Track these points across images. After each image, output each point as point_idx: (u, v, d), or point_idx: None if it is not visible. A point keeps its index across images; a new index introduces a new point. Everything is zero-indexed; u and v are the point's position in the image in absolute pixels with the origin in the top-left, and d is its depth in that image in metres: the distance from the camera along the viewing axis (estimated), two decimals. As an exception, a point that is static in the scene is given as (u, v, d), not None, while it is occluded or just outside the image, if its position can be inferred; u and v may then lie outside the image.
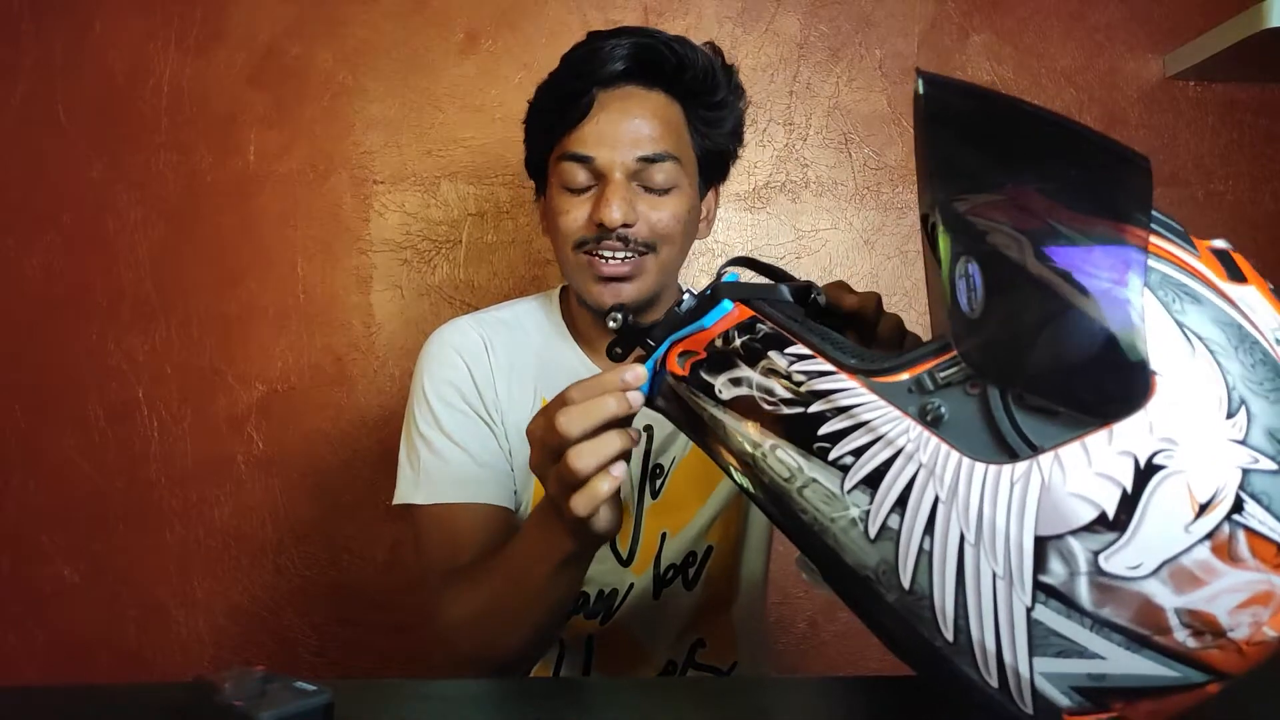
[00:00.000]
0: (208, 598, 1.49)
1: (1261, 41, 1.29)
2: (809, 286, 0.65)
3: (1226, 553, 0.42)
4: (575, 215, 0.93)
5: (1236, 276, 0.46)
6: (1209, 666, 0.45)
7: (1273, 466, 0.43)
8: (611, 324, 0.65)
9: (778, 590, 1.42)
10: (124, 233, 1.48)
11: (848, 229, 1.51)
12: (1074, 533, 0.43)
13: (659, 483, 1.01)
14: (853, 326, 0.68)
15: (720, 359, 0.57)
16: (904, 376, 0.49)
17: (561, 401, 0.64)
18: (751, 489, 0.56)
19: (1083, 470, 0.43)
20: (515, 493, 0.99)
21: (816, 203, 1.51)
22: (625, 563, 1.00)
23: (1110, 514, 0.43)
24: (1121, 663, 0.45)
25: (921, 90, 0.50)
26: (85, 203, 1.48)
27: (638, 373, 0.62)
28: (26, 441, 1.48)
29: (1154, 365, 0.43)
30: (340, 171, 1.48)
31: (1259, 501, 0.42)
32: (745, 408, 0.55)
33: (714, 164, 1.00)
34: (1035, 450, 0.45)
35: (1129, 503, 0.43)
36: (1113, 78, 1.51)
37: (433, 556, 0.95)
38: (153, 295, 1.48)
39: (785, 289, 0.61)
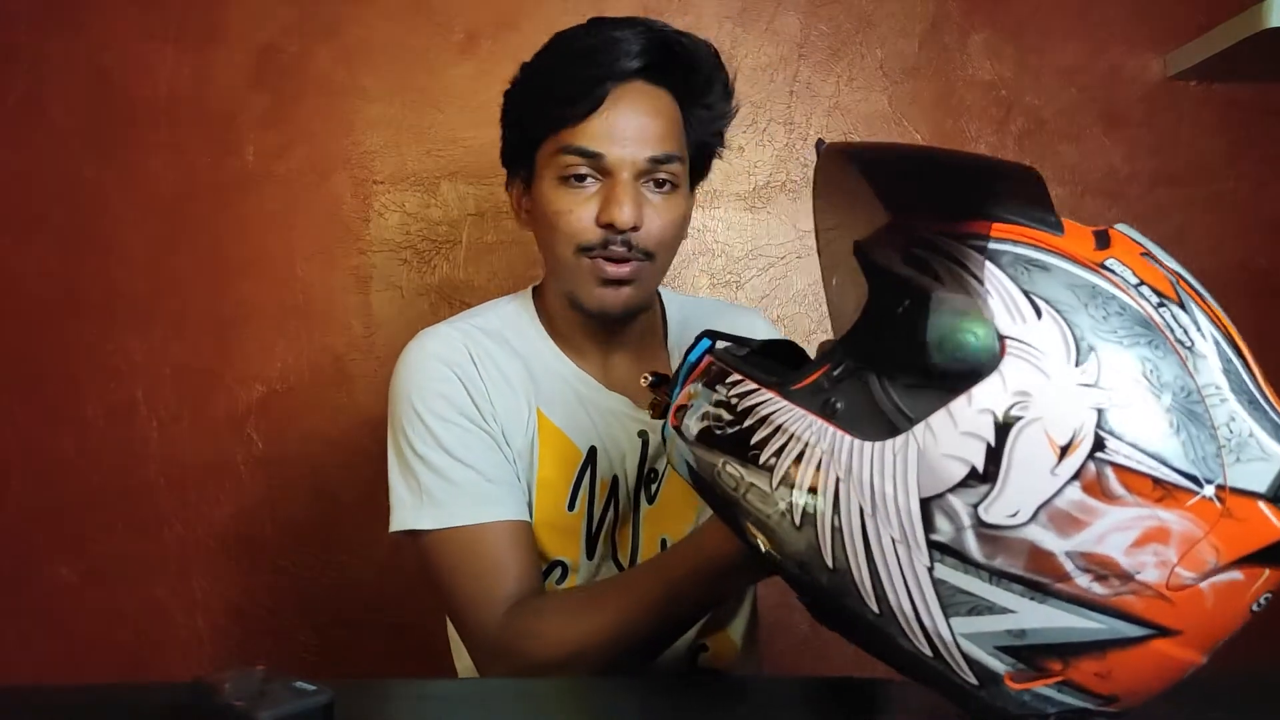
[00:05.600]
0: (207, 598, 1.49)
1: (1262, 41, 1.29)
2: (790, 344, 0.72)
3: (1099, 490, 0.44)
4: (579, 215, 0.90)
5: (1103, 247, 0.50)
6: (1136, 616, 0.45)
7: (1130, 403, 0.45)
8: (643, 382, 0.74)
9: (778, 592, 1.41)
10: (121, 233, 1.47)
11: (848, 229, 1.51)
12: (952, 490, 0.47)
13: (654, 487, 1.00)
14: None
15: (692, 406, 0.65)
16: (809, 381, 0.55)
17: None
18: (719, 513, 0.63)
19: (950, 432, 0.47)
20: (527, 500, 0.95)
21: (817, 202, 1.51)
22: None
23: (980, 468, 0.46)
24: (1033, 615, 0.46)
25: (821, 151, 0.60)
26: (82, 203, 1.47)
27: None
28: (25, 442, 1.48)
29: (1003, 330, 0.47)
30: (340, 171, 1.48)
31: (1120, 438, 0.44)
32: (705, 437, 0.62)
33: (702, 164, 1.00)
34: (911, 422, 0.49)
35: (995, 455, 0.46)
36: (1114, 77, 1.50)
37: (470, 585, 0.89)
38: (150, 296, 1.48)
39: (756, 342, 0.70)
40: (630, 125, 0.89)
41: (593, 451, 0.97)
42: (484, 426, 0.93)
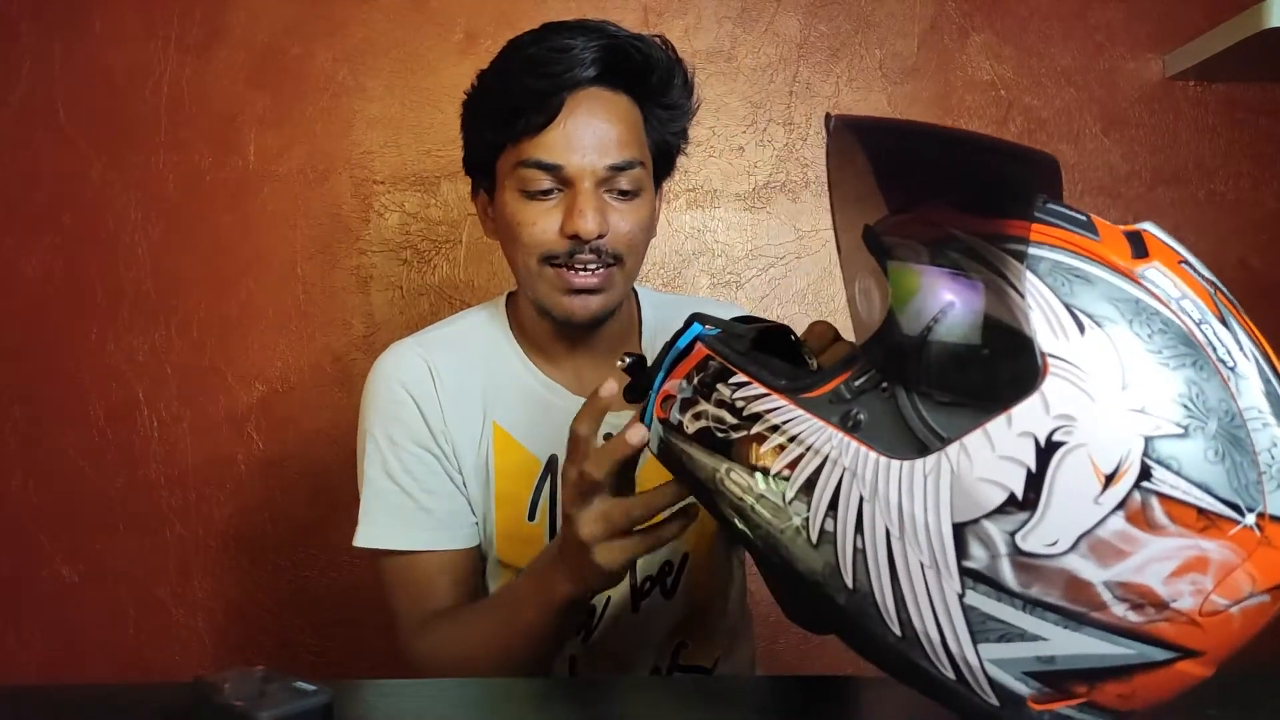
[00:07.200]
0: (207, 598, 1.49)
1: (1262, 41, 1.29)
2: (784, 330, 0.67)
3: (1143, 521, 0.43)
4: (543, 226, 0.89)
5: (1141, 254, 0.47)
6: (1166, 642, 0.45)
7: (1176, 431, 0.43)
8: (619, 364, 0.69)
9: (778, 590, 1.41)
10: (124, 233, 1.48)
11: (848, 229, 1.51)
12: (988, 516, 0.45)
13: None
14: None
15: (686, 399, 0.60)
16: (826, 390, 0.52)
17: (576, 444, 0.71)
18: (720, 519, 0.59)
19: (987, 455, 0.45)
20: (476, 524, 0.96)
21: (817, 203, 1.51)
22: None
23: (1019, 494, 0.44)
24: (1065, 643, 0.45)
25: (831, 128, 0.54)
26: (85, 203, 1.48)
27: (609, 387, 0.70)
28: (26, 441, 1.48)
29: (1045, 347, 0.44)
30: (340, 171, 1.48)
31: (1167, 466, 0.43)
32: (705, 438, 0.58)
33: (665, 162, 0.98)
34: (943, 442, 0.46)
35: (1035, 481, 0.44)
36: (1113, 77, 1.51)
37: (396, 602, 0.96)
38: (152, 295, 1.48)
39: (740, 325, 0.65)
40: (588, 134, 0.88)
41: (553, 460, 0.97)
42: (434, 451, 0.95)
